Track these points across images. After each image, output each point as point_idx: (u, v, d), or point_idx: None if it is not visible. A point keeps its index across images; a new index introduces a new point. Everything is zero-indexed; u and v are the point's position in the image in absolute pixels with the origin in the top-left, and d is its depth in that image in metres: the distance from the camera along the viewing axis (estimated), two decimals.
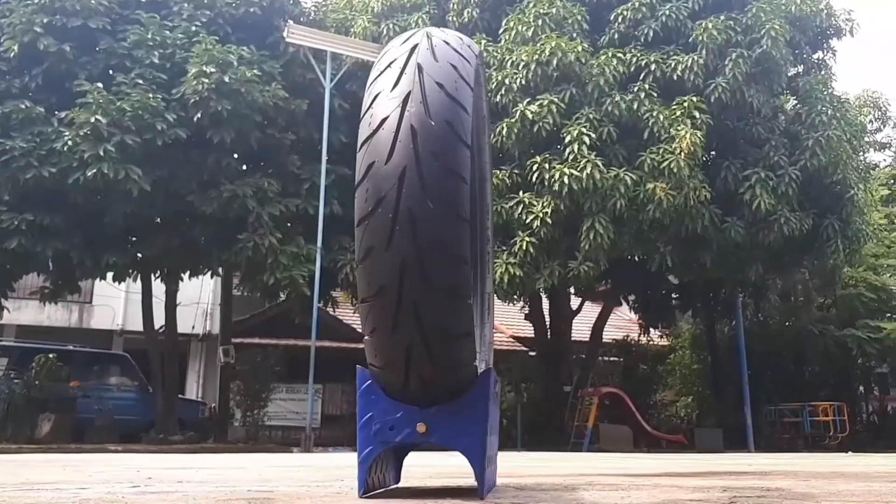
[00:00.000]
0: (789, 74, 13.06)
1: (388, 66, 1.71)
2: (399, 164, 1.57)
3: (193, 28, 11.08)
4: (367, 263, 1.61)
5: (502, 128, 11.00)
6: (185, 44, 10.87)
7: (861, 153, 14.39)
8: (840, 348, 15.29)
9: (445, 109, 1.62)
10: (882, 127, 23.56)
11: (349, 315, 17.73)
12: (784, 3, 12.42)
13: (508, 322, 21.04)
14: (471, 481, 2.36)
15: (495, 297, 13.04)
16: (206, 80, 10.21)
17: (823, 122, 12.11)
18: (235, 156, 11.60)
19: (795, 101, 13.40)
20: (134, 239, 11.94)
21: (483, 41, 11.71)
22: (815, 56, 13.86)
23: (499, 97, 11.28)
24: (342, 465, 3.87)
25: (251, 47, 11.20)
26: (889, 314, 15.31)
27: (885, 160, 22.72)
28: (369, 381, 1.78)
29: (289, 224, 11.92)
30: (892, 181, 20.09)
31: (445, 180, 1.58)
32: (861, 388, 18.46)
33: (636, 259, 12.60)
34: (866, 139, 17.55)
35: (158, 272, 12.70)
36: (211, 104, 10.34)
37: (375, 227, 1.58)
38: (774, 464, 4.74)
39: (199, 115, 10.45)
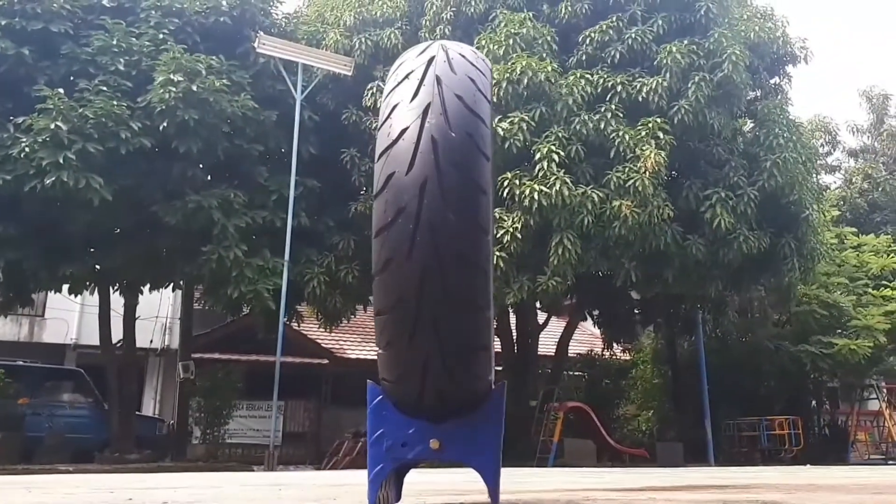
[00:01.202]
0: (748, 98, 13.43)
1: (406, 77, 1.70)
2: (420, 174, 1.56)
3: (161, 36, 10.87)
4: (386, 275, 1.58)
5: None
6: (151, 51, 10.66)
7: (814, 175, 14.88)
8: (794, 363, 15.69)
9: (466, 121, 1.62)
10: (832, 151, 24.53)
11: (313, 330, 17.50)
12: (743, 30, 12.82)
13: None
14: (469, 498, 2.34)
15: None
16: (174, 89, 10.03)
17: (780, 145, 12.47)
18: (201, 166, 11.41)
19: (752, 124, 13.80)
20: (92, 250, 11.59)
21: None
22: (772, 81, 14.30)
23: None
24: (323, 484, 3.79)
25: (220, 57, 11.05)
26: (840, 330, 15.77)
27: (835, 182, 23.62)
28: (380, 397, 1.75)
29: (254, 237, 11.74)
30: (841, 202, 20.86)
31: (467, 192, 1.57)
32: (813, 402, 18.95)
33: (600, 274, 12.76)
34: (818, 162, 18.18)
35: (117, 284, 12.36)
36: (178, 113, 10.15)
37: (395, 237, 1.56)
38: (746, 477, 4.83)
39: (165, 124, 10.24)
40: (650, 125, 11.32)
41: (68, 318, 16.96)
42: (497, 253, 10.80)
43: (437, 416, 1.70)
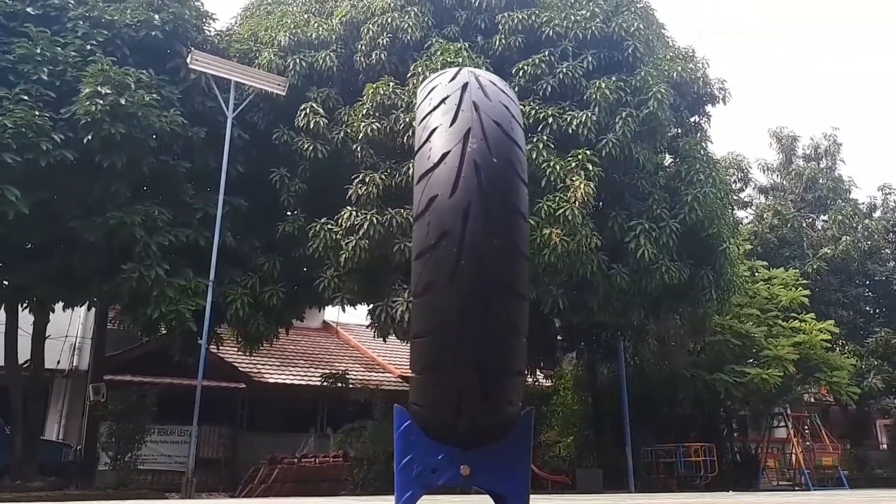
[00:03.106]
0: (670, 135, 14.08)
1: (442, 101, 1.70)
2: (463, 198, 1.56)
3: (89, 47, 10.42)
4: (426, 298, 1.56)
5: (410, 169, 11.08)
6: (78, 62, 10.18)
7: (730, 210, 15.68)
8: (709, 391, 16.32)
9: (505, 147, 1.63)
10: (744, 187, 25.94)
11: (231, 353, 16.90)
12: (667, 70, 13.48)
13: (397, 362, 20.88)
14: None
15: (393, 336, 12.96)
16: (101, 102, 9.60)
17: (700, 181, 13.10)
18: (124, 180, 10.91)
19: (672, 160, 14.46)
20: (1, 265, 10.84)
21: (391, 84, 11.84)
22: (693, 119, 15.05)
23: (405, 139, 11.41)
24: None
25: (150, 71, 10.69)
26: (752, 360, 16.55)
27: (747, 217, 24.92)
28: (409, 422, 1.71)
29: (173, 255, 11.27)
30: (753, 237, 22.05)
31: (509, 216, 1.58)
32: (725, 429, 19.74)
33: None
34: (733, 198, 19.17)
35: (27, 302, 11.59)
36: (104, 126, 9.71)
37: (438, 260, 1.54)
38: None
39: (89, 137, 9.77)
40: (580, 157, 11.64)
41: None
42: None
43: (468, 442, 1.68)
